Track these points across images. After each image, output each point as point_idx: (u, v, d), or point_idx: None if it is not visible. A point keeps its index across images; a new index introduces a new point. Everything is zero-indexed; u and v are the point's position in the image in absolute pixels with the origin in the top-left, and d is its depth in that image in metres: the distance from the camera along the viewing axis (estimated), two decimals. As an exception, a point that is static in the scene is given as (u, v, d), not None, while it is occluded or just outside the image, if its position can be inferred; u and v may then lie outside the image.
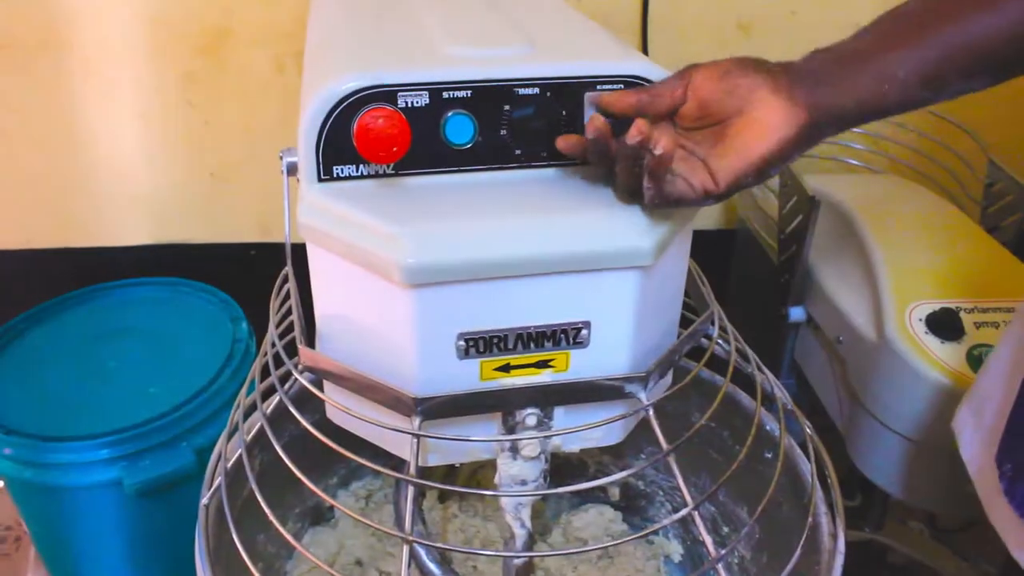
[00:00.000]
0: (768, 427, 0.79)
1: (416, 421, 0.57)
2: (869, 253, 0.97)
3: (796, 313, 1.07)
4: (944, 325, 0.87)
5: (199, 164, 1.35)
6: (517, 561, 0.66)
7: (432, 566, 0.71)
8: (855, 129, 1.24)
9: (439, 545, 0.54)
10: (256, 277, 1.05)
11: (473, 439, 0.60)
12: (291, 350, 0.64)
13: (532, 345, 0.58)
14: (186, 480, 1.04)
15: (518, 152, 0.60)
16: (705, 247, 0.66)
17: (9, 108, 1.29)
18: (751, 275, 1.27)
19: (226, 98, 1.31)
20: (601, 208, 0.58)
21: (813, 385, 1.09)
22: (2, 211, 1.37)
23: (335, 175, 0.58)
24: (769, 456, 0.79)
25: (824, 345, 1.05)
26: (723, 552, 0.56)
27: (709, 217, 1.45)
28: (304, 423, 0.59)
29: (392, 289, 0.55)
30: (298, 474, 0.58)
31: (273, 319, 0.69)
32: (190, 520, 0.70)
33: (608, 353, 0.59)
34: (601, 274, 0.56)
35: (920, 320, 0.88)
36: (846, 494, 1.03)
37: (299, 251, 0.69)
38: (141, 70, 1.28)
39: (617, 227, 0.56)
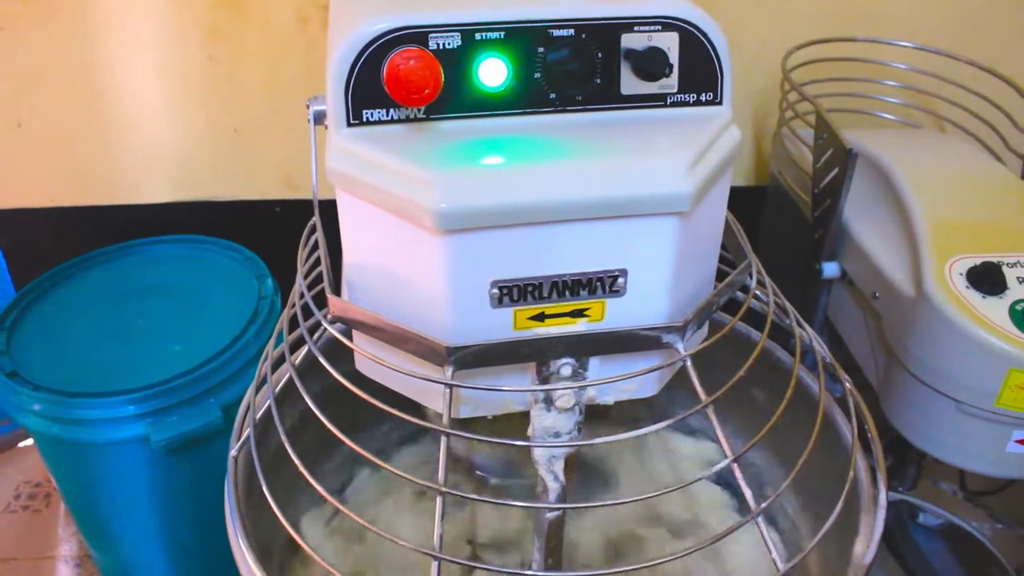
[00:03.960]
0: (806, 383, 0.77)
1: (449, 371, 0.55)
2: (907, 206, 0.95)
3: (830, 269, 1.05)
4: (986, 279, 0.85)
5: (222, 120, 1.34)
6: (550, 515, 0.65)
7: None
8: (891, 82, 1.23)
9: (472, 496, 0.53)
10: (281, 234, 1.04)
11: (507, 389, 0.58)
12: (319, 302, 0.63)
13: (567, 293, 0.56)
14: (213, 437, 1.05)
15: (552, 96, 0.58)
16: (735, 203, 0.65)
17: (29, 63, 1.28)
18: (783, 231, 1.24)
19: (249, 52, 1.29)
20: (639, 153, 0.56)
21: (847, 343, 1.07)
22: (25, 169, 1.37)
23: (364, 119, 0.57)
24: (807, 412, 0.78)
25: (859, 302, 1.03)
26: (763, 505, 0.54)
27: (739, 173, 1.42)
28: (335, 374, 0.58)
29: (424, 235, 0.53)
30: (327, 423, 0.57)
31: (301, 270, 0.68)
32: (218, 477, 0.69)
33: (645, 302, 0.58)
34: (639, 220, 0.55)
35: (961, 274, 0.86)
36: (879, 454, 1.02)
37: (325, 206, 0.68)
38: (162, 24, 1.26)
39: (656, 172, 0.54)
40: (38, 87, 1.29)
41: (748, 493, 0.55)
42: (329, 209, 0.67)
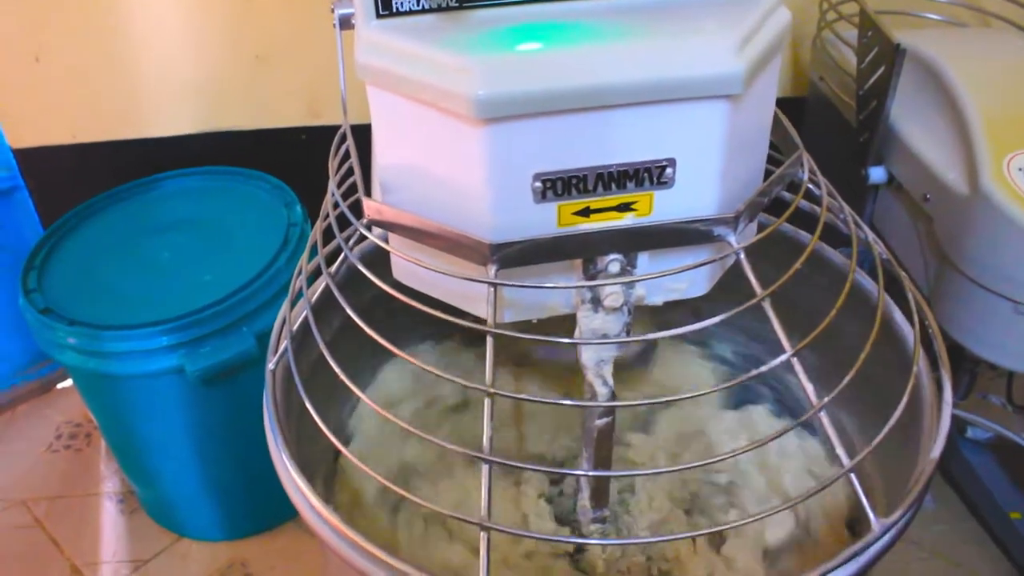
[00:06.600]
0: (861, 283, 0.74)
1: (492, 270, 0.53)
2: (959, 103, 0.90)
3: (877, 174, 1.01)
4: (1046, 174, 0.81)
5: (243, 47, 1.31)
6: (599, 422, 0.63)
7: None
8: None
9: (521, 396, 0.51)
10: (307, 161, 1.01)
11: (553, 286, 0.56)
12: (353, 212, 0.61)
13: (613, 186, 0.53)
14: (248, 365, 1.04)
15: (591, -21, 0.55)
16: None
17: (46, -3, 1.25)
18: (825, 142, 1.20)
19: (267, -24, 1.25)
20: (686, 34, 0.53)
21: (895, 250, 1.03)
22: (45, 105, 1.35)
23: (394, 9, 0.54)
24: (862, 315, 0.75)
25: (908, 206, 0.99)
26: (825, 399, 0.52)
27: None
28: (374, 279, 0.56)
29: (461, 127, 0.51)
30: (368, 331, 0.55)
31: (333, 179, 0.65)
32: (255, 405, 0.68)
33: (694, 194, 0.55)
34: (687, 104, 0.51)
35: (1020, 170, 0.82)
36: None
37: (355, 130, 0.65)
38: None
39: (705, 52, 0.51)
40: (54, 19, 1.27)
41: (809, 388, 0.52)
42: (357, 132, 0.65)
